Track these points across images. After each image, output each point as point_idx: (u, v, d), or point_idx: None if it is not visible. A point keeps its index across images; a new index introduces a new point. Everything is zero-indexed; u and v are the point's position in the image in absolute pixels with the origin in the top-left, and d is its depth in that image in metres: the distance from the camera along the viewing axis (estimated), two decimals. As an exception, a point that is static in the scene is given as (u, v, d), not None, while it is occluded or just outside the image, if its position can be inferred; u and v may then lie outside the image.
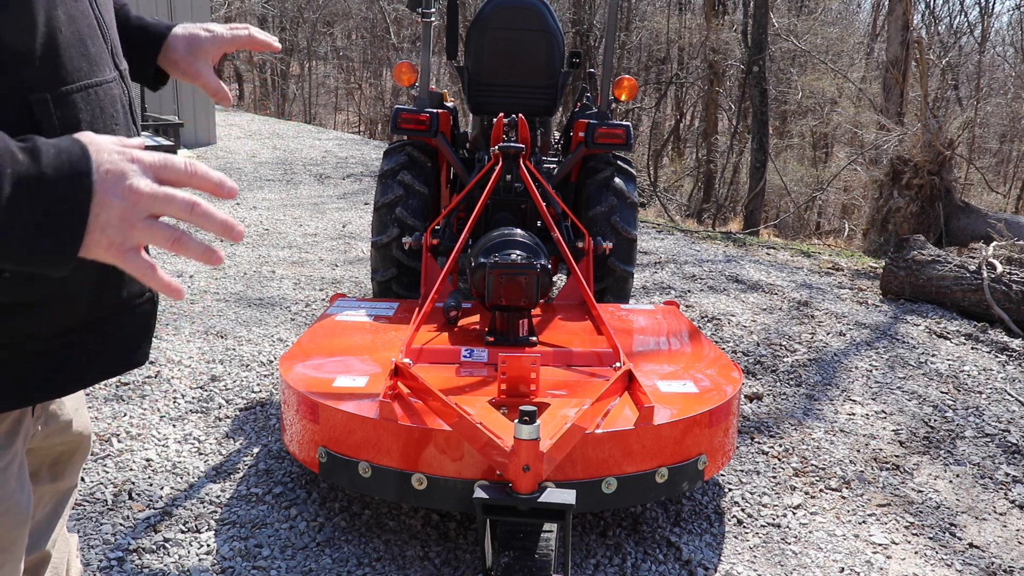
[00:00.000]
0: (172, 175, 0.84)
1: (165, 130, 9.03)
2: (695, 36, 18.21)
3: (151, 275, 0.83)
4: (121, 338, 1.10)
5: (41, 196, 0.77)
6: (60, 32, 0.94)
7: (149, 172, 0.83)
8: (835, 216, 18.16)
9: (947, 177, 8.32)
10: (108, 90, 1.03)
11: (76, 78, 0.96)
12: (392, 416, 2.12)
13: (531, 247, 2.90)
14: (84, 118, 0.97)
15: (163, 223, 0.83)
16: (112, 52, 1.07)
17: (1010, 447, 3.22)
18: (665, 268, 5.95)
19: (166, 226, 0.83)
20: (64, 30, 0.95)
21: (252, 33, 1.36)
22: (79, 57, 0.97)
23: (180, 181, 0.85)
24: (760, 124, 13.05)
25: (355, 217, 7.30)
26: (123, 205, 0.80)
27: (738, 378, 2.58)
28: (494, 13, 4.10)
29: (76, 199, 0.79)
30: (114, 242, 0.81)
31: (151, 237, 0.82)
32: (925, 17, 20.65)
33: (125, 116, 1.07)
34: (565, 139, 4.39)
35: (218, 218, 0.84)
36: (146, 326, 1.15)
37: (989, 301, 4.82)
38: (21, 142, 0.79)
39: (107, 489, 2.58)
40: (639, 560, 2.34)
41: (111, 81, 1.04)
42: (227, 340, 3.96)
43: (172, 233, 0.83)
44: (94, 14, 1.03)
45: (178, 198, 0.83)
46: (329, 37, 27.40)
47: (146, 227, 0.82)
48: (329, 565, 2.25)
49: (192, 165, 0.85)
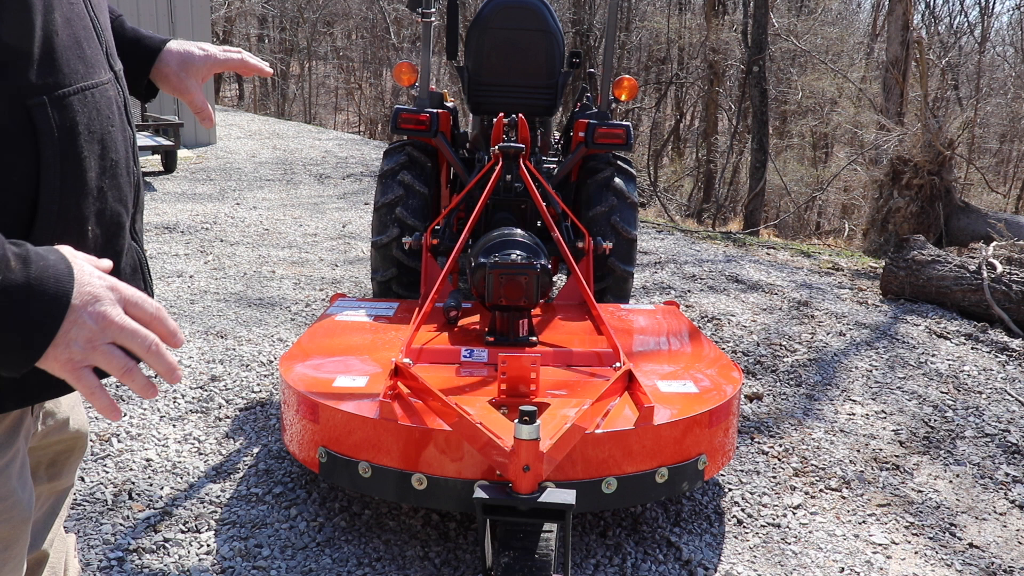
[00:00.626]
0: (140, 313, 0.91)
1: (165, 130, 9.03)
2: (695, 36, 18.20)
3: (98, 395, 0.89)
4: None
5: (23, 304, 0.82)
6: (57, 35, 0.95)
7: (121, 303, 0.89)
8: (835, 216, 18.16)
9: (947, 177, 8.32)
10: (104, 92, 1.04)
11: (73, 80, 0.97)
12: (392, 416, 2.12)
13: (531, 247, 2.90)
14: (81, 120, 0.98)
15: (121, 352, 0.89)
16: (107, 53, 1.07)
17: (1010, 447, 3.22)
18: (665, 268, 5.95)
19: (123, 356, 0.89)
20: (61, 32, 0.96)
21: (244, 57, 1.40)
22: (75, 59, 0.98)
23: (144, 320, 0.91)
24: (760, 124, 13.05)
25: (355, 217, 7.30)
26: (93, 328, 0.86)
27: (738, 378, 2.58)
28: (494, 13, 4.10)
29: (52, 313, 0.84)
30: (73, 358, 0.87)
31: (107, 362, 0.88)
32: (925, 17, 20.65)
33: (120, 117, 1.08)
34: (565, 139, 4.39)
35: (167, 361, 0.91)
36: None
37: (989, 301, 4.82)
38: (14, 246, 0.84)
39: (107, 489, 2.58)
40: (639, 560, 2.34)
41: (107, 82, 1.05)
42: (227, 340, 3.96)
43: (126, 364, 0.89)
44: (89, 16, 1.03)
45: (141, 335, 0.89)
46: (329, 37, 27.40)
47: (106, 352, 0.87)
48: (329, 565, 2.25)
49: (160, 310, 0.93)
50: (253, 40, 26.64)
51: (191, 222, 6.67)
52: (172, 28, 10.37)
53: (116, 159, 1.06)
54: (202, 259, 5.54)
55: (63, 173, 0.96)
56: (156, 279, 4.97)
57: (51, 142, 0.94)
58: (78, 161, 0.98)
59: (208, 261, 5.50)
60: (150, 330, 0.91)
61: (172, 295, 4.67)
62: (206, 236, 6.24)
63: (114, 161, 1.05)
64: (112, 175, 1.05)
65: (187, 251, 5.74)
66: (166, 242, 5.97)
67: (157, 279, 4.97)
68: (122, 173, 1.07)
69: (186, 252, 5.71)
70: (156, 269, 5.20)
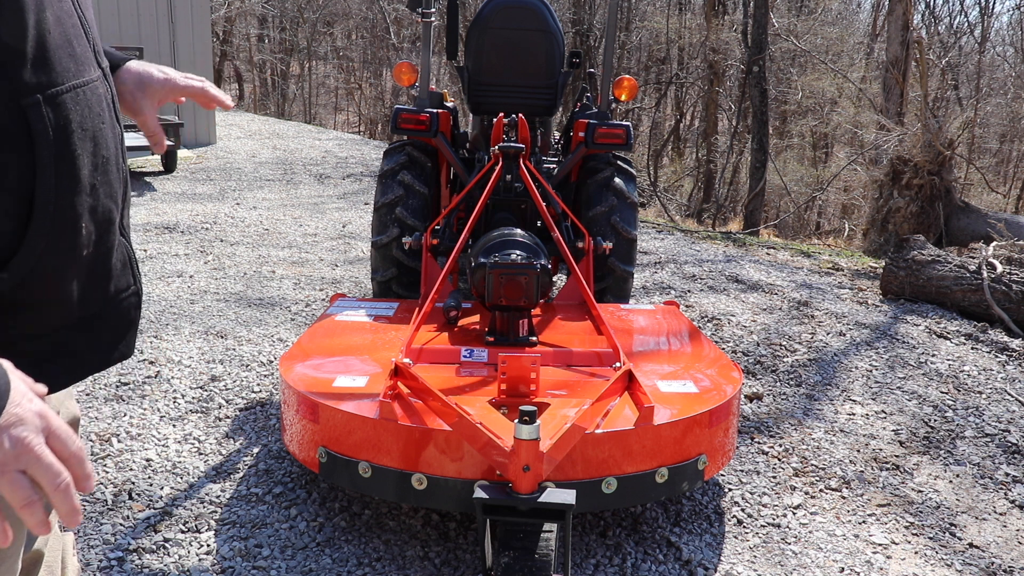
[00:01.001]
0: (60, 448, 0.86)
1: (165, 130, 8.98)
2: (695, 36, 18.20)
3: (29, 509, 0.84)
4: (109, 332, 1.13)
5: None
6: (49, 34, 0.95)
7: (45, 432, 0.85)
8: (835, 216, 18.16)
9: (947, 177, 8.32)
10: (94, 89, 1.04)
11: (65, 79, 0.98)
12: (392, 416, 2.12)
13: (531, 247, 2.90)
14: (74, 118, 0.98)
15: (28, 484, 0.84)
16: (95, 51, 1.08)
17: (1010, 447, 3.22)
18: (665, 268, 5.95)
19: (29, 489, 0.84)
20: (53, 31, 0.96)
21: (206, 87, 1.38)
22: (67, 58, 0.99)
23: (63, 455, 0.87)
24: (760, 124, 13.05)
25: (355, 217, 7.30)
26: (8, 451, 0.82)
27: (738, 378, 2.57)
28: (494, 13, 4.10)
29: None
30: None
31: (11, 489, 0.83)
32: (925, 17, 20.64)
33: (110, 114, 1.09)
34: (565, 139, 4.39)
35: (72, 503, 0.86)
36: (131, 319, 1.17)
37: (989, 301, 4.82)
38: None
39: (107, 489, 2.58)
40: (639, 560, 2.34)
41: (96, 80, 1.06)
42: (227, 340, 3.96)
43: (28, 496, 0.83)
44: (77, 14, 1.04)
45: (54, 470, 0.84)
46: (329, 37, 27.39)
47: (14, 479, 0.82)
48: (329, 565, 2.25)
49: (80, 451, 0.89)
50: (253, 40, 26.64)
51: (191, 222, 6.67)
52: (172, 28, 10.38)
53: (107, 156, 1.06)
54: (202, 259, 5.54)
55: (58, 171, 0.96)
56: (156, 279, 4.97)
57: (46, 141, 0.94)
58: (72, 159, 0.98)
59: (208, 261, 5.50)
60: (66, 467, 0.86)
61: (172, 295, 4.67)
62: (206, 236, 6.24)
63: (105, 158, 1.06)
64: (104, 172, 1.05)
65: (187, 251, 5.74)
66: (166, 242, 5.97)
67: (157, 279, 4.97)
68: (112, 170, 1.08)
69: (186, 252, 5.71)
70: (156, 269, 5.20)
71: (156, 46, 10.18)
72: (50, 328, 1.03)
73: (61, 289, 1.01)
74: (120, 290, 1.13)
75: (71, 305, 1.04)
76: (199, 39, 10.72)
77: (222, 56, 24.05)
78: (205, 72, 10.86)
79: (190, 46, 10.60)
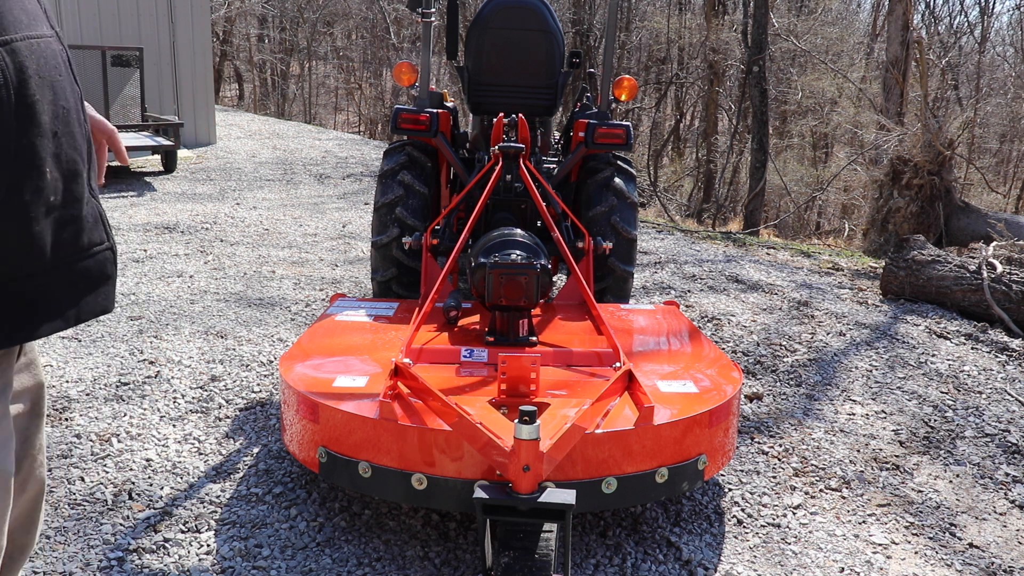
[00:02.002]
0: None
1: (165, 130, 9.03)
2: (695, 36, 18.21)
3: None
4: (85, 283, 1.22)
5: None
6: None
7: None
8: (835, 216, 18.16)
9: (947, 177, 8.32)
10: (48, 44, 1.13)
11: (18, 29, 1.06)
12: (392, 416, 2.12)
13: (531, 247, 2.90)
14: (30, 65, 1.07)
15: None
16: (46, 14, 1.17)
17: (1010, 447, 3.22)
18: (665, 268, 5.95)
19: None
20: None
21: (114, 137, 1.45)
22: (19, 11, 1.08)
23: None
24: (760, 124, 13.05)
25: (355, 217, 7.30)
26: None
27: (738, 378, 2.57)
28: (494, 13, 4.10)
29: None
30: None
31: None
32: (925, 17, 20.65)
33: (67, 71, 1.17)
34: (565, 139, 4.39)
35: None
36: (107, 273, 1.26)
37: (989, 301, 4.82)
38: None
39: (107, 489, 2.58)
40: (639, 560, 2.34)
41: (49, 36, 1.14)
42: (227, 340, 3.96)
43: None
44: None
45: None
46: (329, 37, 27.39)
47: None
48: (329, 565, 2.25)
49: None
50: (253, 40, 26.64)
51: (191, 222, 6.67)
52: (172, 28, 10.37)
53: (67, 107, 1.14)
54: (202, 259, 5.54)
55: (18, 113, 1.03)
56: (156, 279, 4.97)
57: (6, 83, 1.02)
58: (31, 102, 1.06)
59: (208, 261, 5.50)
60: None
61: (172, 295, 4.67)
62: (206, 236, 6.24)
63: (65, 109, 1.13)
64: (65, 122, 1.13)
65: (187, 251, 5.74)
66: (166, 242, 5.97)
67: (157, 279, 4.97)
68: (74, 123, 1.16)
69: (186, 252, 5.71)
70: (156, 269, 5.20)
71: (156, 46, 10.17)
72: (25, 271, 1.09)
73: (31, 231, 1.08)
74: (93, 243, 1.22)
75: (43, 248, 1.11)
76: (199, 39, 10.70)
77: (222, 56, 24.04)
78: (205, 72, 10.86)
79: (190, 46, 10.59)
